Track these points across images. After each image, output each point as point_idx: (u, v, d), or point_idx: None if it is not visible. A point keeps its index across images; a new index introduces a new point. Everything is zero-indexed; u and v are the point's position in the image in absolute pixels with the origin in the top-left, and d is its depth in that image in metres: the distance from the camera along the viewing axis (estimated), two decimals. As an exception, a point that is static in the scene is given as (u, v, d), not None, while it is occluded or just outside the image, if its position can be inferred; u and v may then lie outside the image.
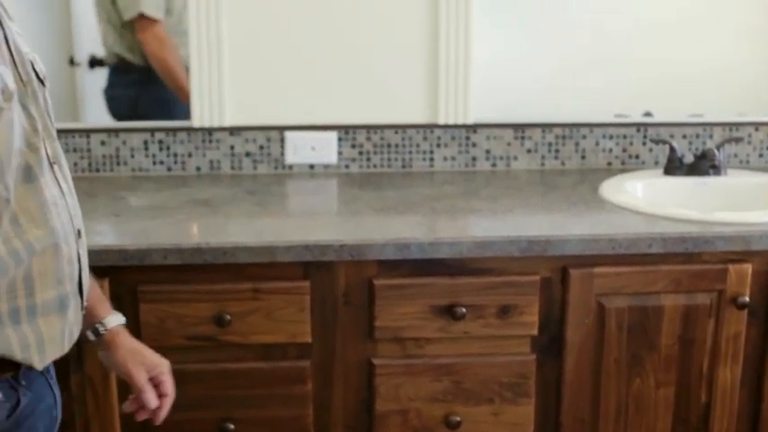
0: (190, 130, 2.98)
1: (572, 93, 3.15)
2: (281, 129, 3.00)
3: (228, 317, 2.36)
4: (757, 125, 3.21)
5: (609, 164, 3.14)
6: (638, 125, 3.14)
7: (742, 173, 3.09)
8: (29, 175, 1.53)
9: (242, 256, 2.34)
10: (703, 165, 2.99)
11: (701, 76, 3.22)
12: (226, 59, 2.94)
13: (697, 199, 2.93)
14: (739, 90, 3.26)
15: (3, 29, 1.55)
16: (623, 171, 3.08)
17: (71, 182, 1.68)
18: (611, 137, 3.12)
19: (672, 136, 3.14)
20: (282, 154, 3.01)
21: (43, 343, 1.59)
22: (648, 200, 2.83)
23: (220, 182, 2.93)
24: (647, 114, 3.19)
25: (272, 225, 2.56)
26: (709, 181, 2.99)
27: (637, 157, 3.15)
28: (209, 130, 2.98)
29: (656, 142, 3.10)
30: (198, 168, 3.00)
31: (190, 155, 2.99)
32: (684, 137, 3.16)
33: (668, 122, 3.16)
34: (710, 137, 3.17)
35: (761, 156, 3.22)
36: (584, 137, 3.11)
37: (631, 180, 2.95)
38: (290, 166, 3.02)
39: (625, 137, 3.13)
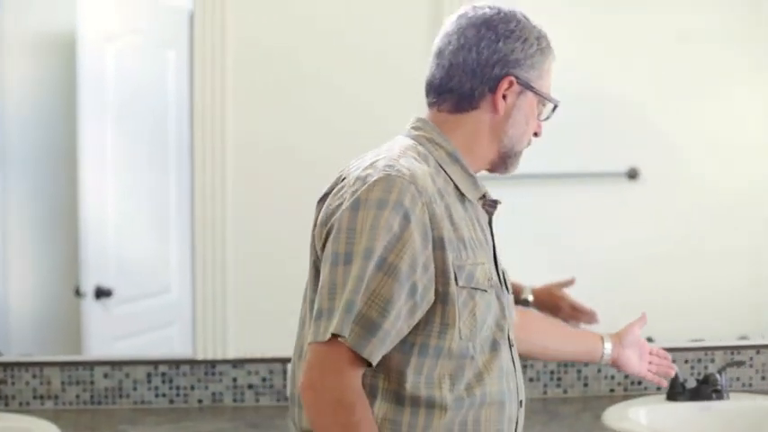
0: (192, 362, 3.00)
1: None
2: (284, 360, 3.01)
3: None
4: (759, 348, 3.23)
5: (611, 391, 3.13)
6: (639, 351, 3.15)
7: (745, 397, 3.08)
8: (494, 346, 1.90)
9: (244, 493, 2.33)
10: (706, 390, 2.99)
11: (701, 301, 3.26)
12: (229, 292, 2.98)
13: (701, 425, 2.91)
14: (739, 314, 3.29)
15: (493, 238, 2.00)
16: (626, 398, 3.07)
17: (519, 364, 2.01)
18: (612, 363, 3.13)
19: (674, 361, 3.13)
20: (285, 386, 3.01)
21: None
22: (652, 427, 2.83)
23: (222, 415, 2.93)
24: (649, 339, 3.19)
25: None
26: (713, 406, 2.97)
27: (639, 383, 3.15)
28: (212, 363, 3.00)
29: (658, 368, 3.10)
30: (200, 401, 3.00)
31: (192, 387, 3.00)
32: (686, 362, 3.17)
33: (670, 347, 3.14)
34: (712, 361, 3.18)
35: (763, 378, 3.22)
36: (586, 364, 3.11)
37: (634, 407, 2.94)
38: (293, 398, 3.02)
39: (627, 363, 3.13)
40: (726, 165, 3.30)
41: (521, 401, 2.02)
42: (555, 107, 2.05)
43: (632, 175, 3.25)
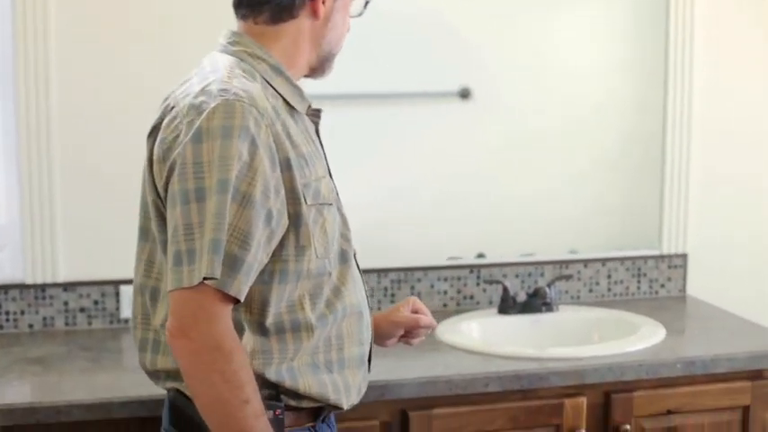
0: (22, 287, 2.93)
1: (407, 237, 3.21)
2: (116, 283, 2.97)
3: (63, 477, 2.30)
4: (586, 262, 3.32)
5: (444, 305, 3.19)
6: (470, 267, 3.21)
7: (573, 308, 3.17)
8: (344, 257, 1.95)
9: (76, 414, 2.30)
10: (536, 302, 3.07)
11: (531, 216, 3.32)
12: (58, 215, 2.92)
13: (531, 336, 2.99)
14: (568, 229, 3.37)
15: (323, 149, 2.00)
16: (458, 312, 3.13)
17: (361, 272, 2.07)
18: (445, 279, 3.18)
19: (504, 276, 3.21)
20: (117, 308, 2.98)
21: (349, 389, 1.96)
22: (484, 339, 2.89)
23: (54, 339, 2.87)
24: (480, 256, 3.27)
25: (107, 381, 2.52)
26: (542, 318, 3.06)
27: (471, 297, 3.21)
28: (42, 287, 2.94)
29: (490, 282, 3.17)
30: (30, 326, 2.94)
31: (22, 312, 2.93)
32: (517, 276, 3.24)
33: (500, 263, 3.24)
34: (542, 275, 3.26)
35: (591, 291, 3.32)
36: (419, 280, 3.16)
37: (466, 321, 3.00)
38: (126, 320, 2.99)
39: (459, 278, 3.19)
40: (555, 86, 3.36)
41: (371, 309, 2.09)
42: (367, 2, 2.07)
43: (464, 94, 3.28)
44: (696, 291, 3.41)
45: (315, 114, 2.02)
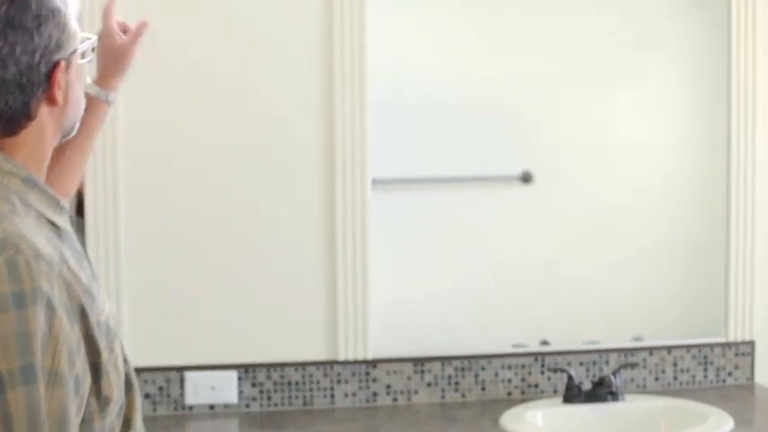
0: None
1: (470, 324, 3.19)
2: (181, 369, 2.98)
3: None
4: (651, 349, 3.28)
5: (509, 394, 3.16)
6: (535, 354, 3.18)
7: (639, 397, 3.13)
8: (129, 383, 1.66)
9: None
10: (601, 391, 3.03)
11: (595, 303, 3.30)
12: (125, 299, 2.94)
13: (597, 426, 2.95)
14: (633, 315, 3.34)
15: (87, 258, 1.69)
16: (523, 401, 3.10)
17: None
18: (509, 367, 3.15)
19: (569, 364, 3.18)
20: (182, 395, 2.99)
21: None
22: (549, 429, 2.86)
23: (119, 426, 2.88)
24: (545, 343, 3.24)
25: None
26: (608, 407, 3.02)
27: (536, 386, 3.18)
28: (107, 373, 2.94)
29: (554, 371, 3.14)
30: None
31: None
32: (581, 364, 3.21)
33: (565, 350, 3.21)
34: (607, 363, 3.23)
35: (656, 379, 3.27)
36: (483, 368, 3.14)
37: (531, 410, 2.97)
38: (191, 407, 2.99)
39: (523, 366, 3.17)
40: (616, 167, 3.34)
41: None
42: (90, 48, 1.74)
43: (526, 178, 3.27)
44: (765, 379, 3.35)
45: (71, 216, 1.69)
